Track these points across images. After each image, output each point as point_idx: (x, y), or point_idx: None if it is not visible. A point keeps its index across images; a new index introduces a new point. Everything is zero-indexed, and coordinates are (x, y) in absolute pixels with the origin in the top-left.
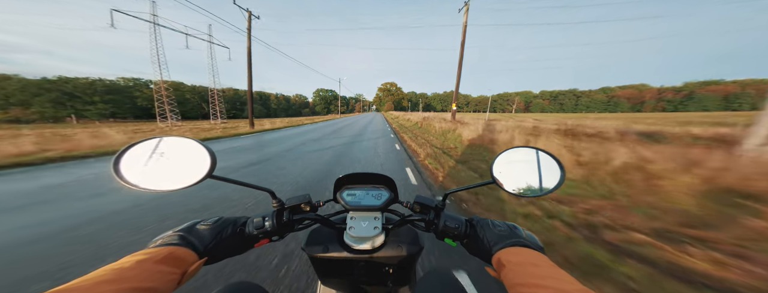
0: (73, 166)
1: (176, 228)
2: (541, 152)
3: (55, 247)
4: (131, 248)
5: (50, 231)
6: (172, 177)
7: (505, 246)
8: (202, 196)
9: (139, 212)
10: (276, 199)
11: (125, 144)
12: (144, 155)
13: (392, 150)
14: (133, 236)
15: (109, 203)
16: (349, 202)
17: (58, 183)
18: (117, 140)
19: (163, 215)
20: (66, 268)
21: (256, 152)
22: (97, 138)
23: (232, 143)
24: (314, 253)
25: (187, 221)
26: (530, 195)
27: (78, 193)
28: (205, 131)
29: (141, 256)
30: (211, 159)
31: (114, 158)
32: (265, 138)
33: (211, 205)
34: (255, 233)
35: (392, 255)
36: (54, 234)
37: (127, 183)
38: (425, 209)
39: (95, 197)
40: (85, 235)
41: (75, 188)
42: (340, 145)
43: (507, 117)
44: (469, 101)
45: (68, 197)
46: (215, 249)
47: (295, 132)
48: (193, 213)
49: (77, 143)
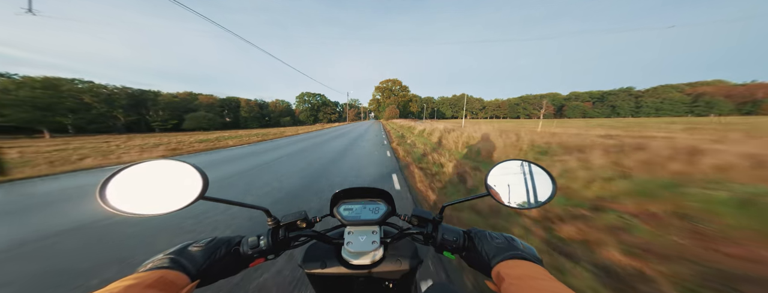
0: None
1: (167, 251)
2: (533, 165)
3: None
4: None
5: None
6: (162, 201)
7: (504, 259)
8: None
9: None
10: (271, 217)
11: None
12: (132, 180)
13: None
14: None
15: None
16: (347, 217)
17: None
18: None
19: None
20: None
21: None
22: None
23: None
24: (312, 270)
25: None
26: (524, 207)
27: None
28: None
29: (130, 281)
30: (203, 181)
31: (99, 185)
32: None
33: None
34: (250, 252)
35: (391, 270)
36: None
37: (114, 209)
38: (423, 222)
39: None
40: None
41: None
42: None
43: (542, 125)
44: (485, 106)
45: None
46: (208, 271)
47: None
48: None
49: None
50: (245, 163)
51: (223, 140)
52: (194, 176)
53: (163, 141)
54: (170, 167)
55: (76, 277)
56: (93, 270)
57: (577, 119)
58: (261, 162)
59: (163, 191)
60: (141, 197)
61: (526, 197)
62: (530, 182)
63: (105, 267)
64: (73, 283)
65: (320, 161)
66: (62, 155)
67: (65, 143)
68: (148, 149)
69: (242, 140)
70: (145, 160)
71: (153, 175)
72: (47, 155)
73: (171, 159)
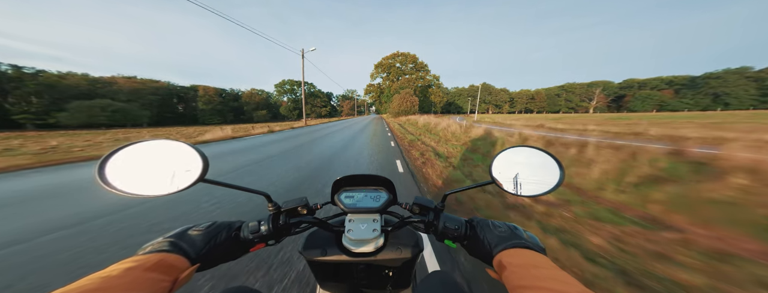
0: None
1: (167, 234)
2: (540, 151)
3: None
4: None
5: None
6: (161, 182)
7: (506, 248)
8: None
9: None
10: (272, 202)
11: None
12: (131, 160)
13: None
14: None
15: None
16: (348, 204)
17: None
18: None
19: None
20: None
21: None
22: None
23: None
24: (312, 257)
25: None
26: (530, 195)
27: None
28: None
29: (130, 263)
30: (203, 163)
31: (98, 163)
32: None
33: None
34: (250, 237)
35: (392, 258)
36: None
37: (113, 189)
38: (424, 210)
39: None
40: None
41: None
42: None
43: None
44: (513, 98)
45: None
46: (208, 255)
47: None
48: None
49: None
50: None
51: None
52: (194, 158)
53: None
54: (170, 147)
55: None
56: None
57: (654, 113)
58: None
59: (163, 172)
60: (140, 178)
61: (531, 183)
62: (536, 169)
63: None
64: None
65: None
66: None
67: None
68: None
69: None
70: (144, 140)
71: (152, 155)
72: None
73: (171, 140)
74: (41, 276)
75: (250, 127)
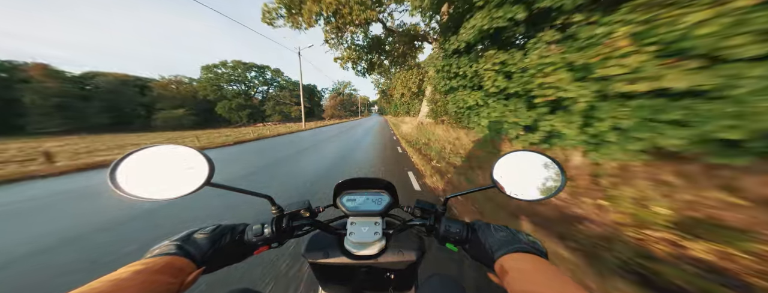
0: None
1: (173, 238)
2: (542, 156)
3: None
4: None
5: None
6: (170, 186)
7: (508, 252)
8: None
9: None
10: (275, 205)
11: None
12: (141, 165)
13: None
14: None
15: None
16: (349, 207)
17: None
18: None
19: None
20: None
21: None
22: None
23: None
24: (314, 259)
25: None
26: (531, 199)
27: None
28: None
29: (138, 266)
30: (209, 167)
31: (110, 169)
32: None
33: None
34: (254, 240)
35: (393, 261)
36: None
37: (125, 193)
38: (426, 213)
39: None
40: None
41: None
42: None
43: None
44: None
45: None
46: (213, 258)
47: None
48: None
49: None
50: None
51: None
52: (200, 162)
53: None
54: (176, 152)
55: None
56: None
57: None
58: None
59: (171, 176)
60: (149, 182)
61: (533, 188)
62: (538, 174)
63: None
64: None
65: None
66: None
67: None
68: None
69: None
70: (152, 145)
71: (160, 160)
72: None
73: (177, 145)
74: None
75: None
